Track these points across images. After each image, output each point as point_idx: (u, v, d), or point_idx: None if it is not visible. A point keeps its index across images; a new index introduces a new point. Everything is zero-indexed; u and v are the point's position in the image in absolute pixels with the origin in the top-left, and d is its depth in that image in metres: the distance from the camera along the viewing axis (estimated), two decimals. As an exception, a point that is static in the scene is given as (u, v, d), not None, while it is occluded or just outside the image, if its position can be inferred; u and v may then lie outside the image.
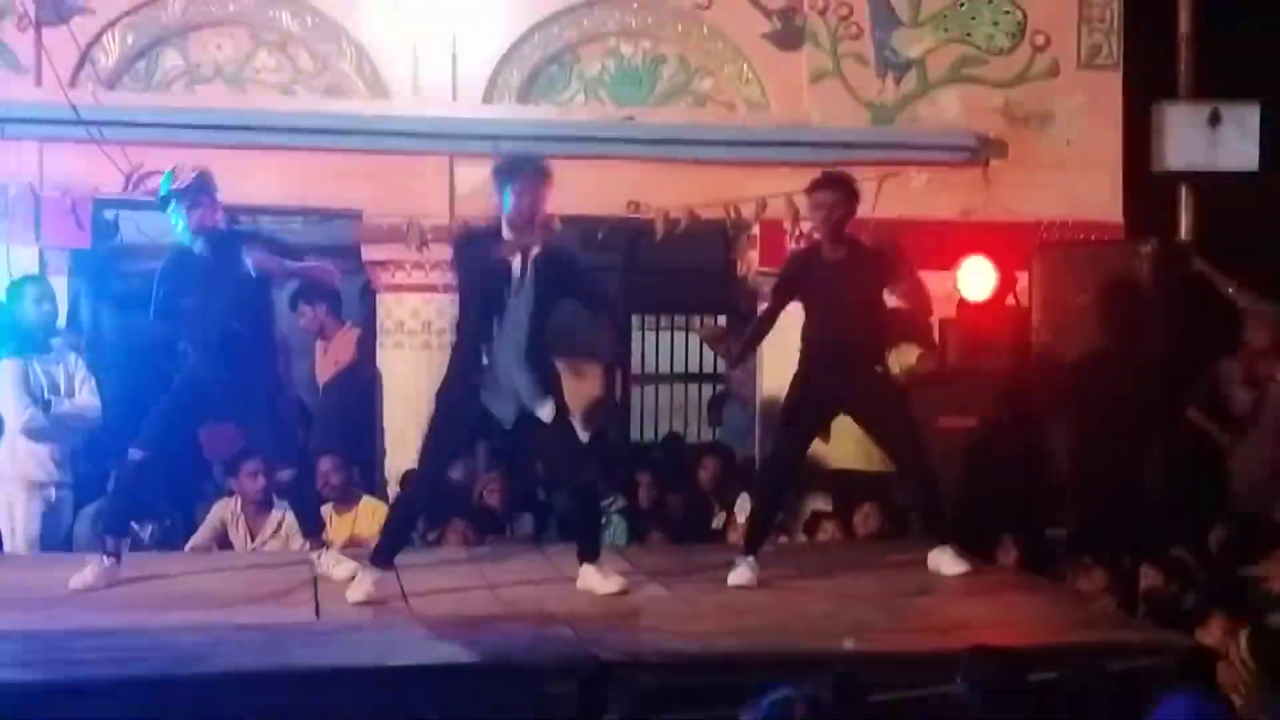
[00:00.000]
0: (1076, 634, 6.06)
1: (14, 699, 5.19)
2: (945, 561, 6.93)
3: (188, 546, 7.91)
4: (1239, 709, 5.32)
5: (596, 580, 6.48)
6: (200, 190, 6.64)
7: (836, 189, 6.90)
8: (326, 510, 8.11)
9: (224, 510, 7.92)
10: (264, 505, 7.93)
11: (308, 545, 7.10)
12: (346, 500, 8.16)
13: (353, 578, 6.48)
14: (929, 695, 5.11)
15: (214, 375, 6.71)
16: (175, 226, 6.69)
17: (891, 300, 7.05)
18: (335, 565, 6.70)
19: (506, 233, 6.39)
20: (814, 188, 6.95)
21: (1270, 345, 8.51)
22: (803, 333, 7.09)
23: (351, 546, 7.45)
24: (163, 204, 6.70)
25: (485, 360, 6.43)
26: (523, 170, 6.43)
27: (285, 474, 7.06)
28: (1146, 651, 5.75)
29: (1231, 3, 9.95)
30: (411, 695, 5.20)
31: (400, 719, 5.08)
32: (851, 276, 6.90)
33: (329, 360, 9.15)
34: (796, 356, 7.04)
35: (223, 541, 7.88)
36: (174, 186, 6.66)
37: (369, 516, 8.12)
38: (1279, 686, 5.42)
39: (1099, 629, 6.21)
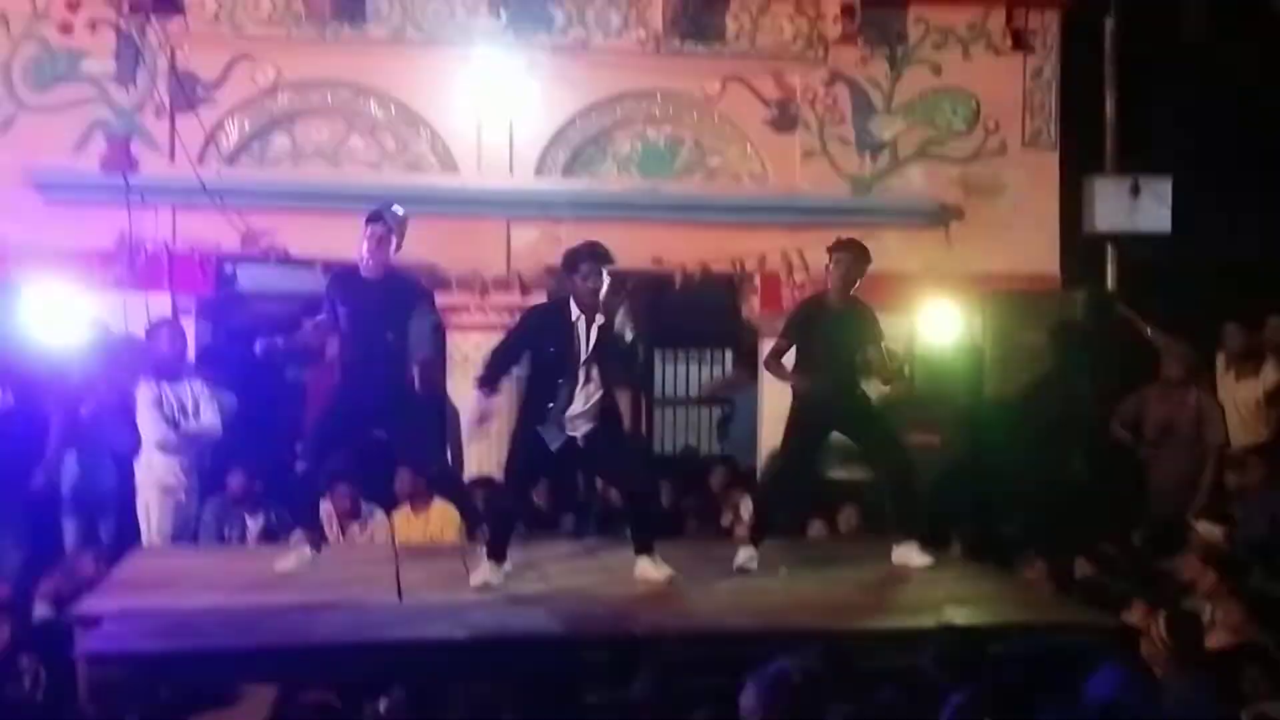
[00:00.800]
0: (1023, 615, 6.05)
1: (149, 665, 5.24)
2: (913, 556, 6.89)
3: (292, 540, 7.87)
4: (1158, 677, 5.30)
5: (649, 569, 6.46)
6: (398, 223, 6.53)
7: (852, 251, 6.89)
8: (404, 511, 8.11)
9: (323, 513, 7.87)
10: (353, 514, 7.92)
11: (467, 539, 7.02)
12: (421, 503, 8.10)
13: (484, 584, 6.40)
14: (902, 666, 5.10)
15: (363, 384, 6.57)
16: (363, 245, 6.49)
17: None
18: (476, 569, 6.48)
19: (575, 307, 6.38)
20: (836, 248, 6.92)
21: (1181, 376, 8.48)
22: (797, 374, 7.01)
23: (428, 541, 7.41)
24: (370, 219, 6.49)
25: (550, 405, 6.40)
26: (587, 259, 6.37)
27: (434, 470, 7.06)
28: (1081, 630, 5.75)
29: (1148, 95, 9.96)
30: (476, 662, 5.21)
31: (466, 682, 5.09)
32: (849, 325, 6.88)
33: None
34: (788, 388, 7.04)
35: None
36: (390, 208, 6.55)
37: (440, 516, 8.09)
38: (1190, 659, 5.39)
39: (1042, 611, 6.20)
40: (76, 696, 5.16)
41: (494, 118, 9.13)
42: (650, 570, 6.47)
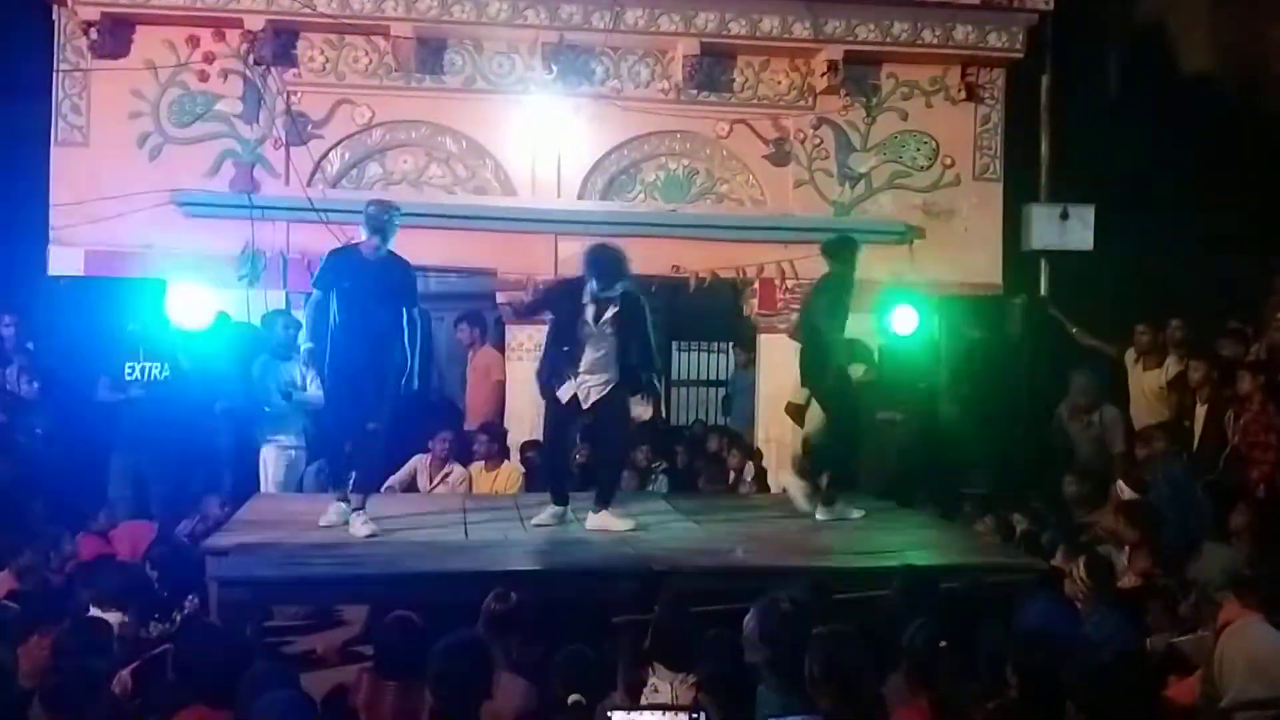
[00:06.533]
0: (969, 558, 6.04)
1: (265, 589, 5.28)
2: (850, 511, 6.84)
3: (383, 487, 7.60)
4: (1078, 610, 5.29)
5: (611, 521, 6.27)
6: (397, 215, 6.35)
7: None
8: (478, 467, 8.05)
9: (418, 462, 7.82)
10: (444, 461, 7.90)
11: (339, 496, 6.39)
12: (495, 461, 8.05)
13: (370, 535, 5.99)
14: (872, 597, 5.10)
15: (355, 350, 6.29)
16: (365, 232, 6.36)
17: None
18: (361, 526, 6.12)
19: (589, 295, 6.26)
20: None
21: (1085, 405, 8.25)
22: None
23: (495, 495, 7.33)
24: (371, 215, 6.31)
25: (570, 368, 6.27)
26: (600, 261, 6.25)
27: (373, 426, 6.35)
28: (1018, 570, 5.74)
29: (1075, 137, 9.88)
30: (529, 589, 5.19)
31: (521, 604, 5.09)
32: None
33: (478, 366, 9.11)
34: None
35: (409, 485, 7.84)
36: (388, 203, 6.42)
37: (507, 475, 8.06)
38: (1104, 595, 5.38)
39: (986, 554, 6.18)
40: (209, 613, 5.21)
41: (545, 151, 9.10)
42: (614, 521, 6.28)
